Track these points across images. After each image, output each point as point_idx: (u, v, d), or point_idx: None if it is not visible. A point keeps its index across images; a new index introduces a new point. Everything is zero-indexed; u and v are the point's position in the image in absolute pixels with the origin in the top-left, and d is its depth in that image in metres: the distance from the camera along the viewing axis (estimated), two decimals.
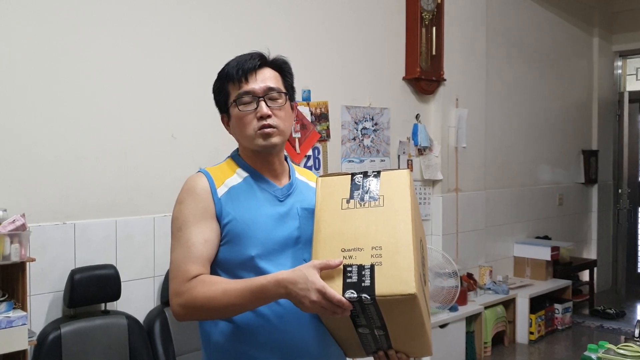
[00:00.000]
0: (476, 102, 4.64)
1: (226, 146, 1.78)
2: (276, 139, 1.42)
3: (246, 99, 1.41)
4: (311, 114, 3.58)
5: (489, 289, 4.58)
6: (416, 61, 4.15)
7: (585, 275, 5.85)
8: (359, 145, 3.90)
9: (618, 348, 1.99)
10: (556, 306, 4.96)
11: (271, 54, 1.48)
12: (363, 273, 1.21)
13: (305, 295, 1.18)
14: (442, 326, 3.89)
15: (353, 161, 3.86)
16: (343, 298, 1.18)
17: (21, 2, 2.50)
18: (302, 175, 1.57)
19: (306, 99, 3.56)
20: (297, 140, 3.49)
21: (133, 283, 2.80)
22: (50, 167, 2.58)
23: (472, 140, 4.58)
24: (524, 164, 5.40)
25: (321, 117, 3.64)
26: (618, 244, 6.45)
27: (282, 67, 1.49)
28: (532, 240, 5.35)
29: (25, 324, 2.21)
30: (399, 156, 4.16)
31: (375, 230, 1.26)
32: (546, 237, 5.50)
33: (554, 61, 5.71)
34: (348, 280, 1.21)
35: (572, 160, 6.07)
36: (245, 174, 1.45)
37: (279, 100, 1.44)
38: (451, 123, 4.43)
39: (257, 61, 1.43)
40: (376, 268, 1.21)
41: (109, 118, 2.75)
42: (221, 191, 1.40)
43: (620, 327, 5.01)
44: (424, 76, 4.18)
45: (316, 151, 3.62)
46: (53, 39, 2.59)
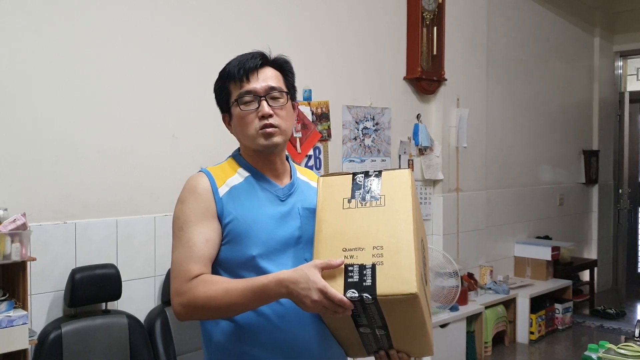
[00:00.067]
0: (477, 102, 4.64)
1: (227, 146, 1.78)
2: (278, 139, 1.42)
3: (248, 99, 1.41)
4: (312, 114, 3.58)
5: (490, 289, 4.58)
6: (417, 61, 4.15)
7: (585, 275, 5.85)
8: (360, 145, 3.90)
9: (618, 348, 1.99)
10: (556, 306, 4.96)
11: (272, 54, 1.48)
12: (364, 273, 1.21)
13: (306, 294, 1.18)
14: (443, 326, 3.89)
15: (354, 161, 3.86)
16: (344, 297, 1.18)
17: (22, 3, 2.50)
18: (304, 175, 1.56)
19: (307, 99, 3.56)
20: (298, 139, 3.49)
21: (134, 282, 2.81)
22: (51, 167, 2.58)
23: (473, 140, 4.58)
24: (525, 164, 5.39)
25: (322, 117, 3.64)
26: (618, 244, 6.46)
27: (284, 67, 1.49)
28: (533, 240, 5.35)
29: (25, 324, 2.21)
30: (400, 156, 4.16)
31: (376, 229, 1.26)
32: (547, 237, 5.50)
33: (555, 61, 5.71)
34: (349, 279, 1.20)
35: (573, 160, 6.07)
36: (246, 174, 1.45)
37: (281, 99, 1.43)
38: (452, 123, 4.43)
39: (259, 60, 1.43)
40: (377, 268, 1.21)
41: (110, 118, 2.75)
42: (222, 191, 1.40)
43: (620, 327, 5.01)
44: (425, 76, 4.18)
45: (317, 151, 3.62)
46: (54, 40, 2.59)
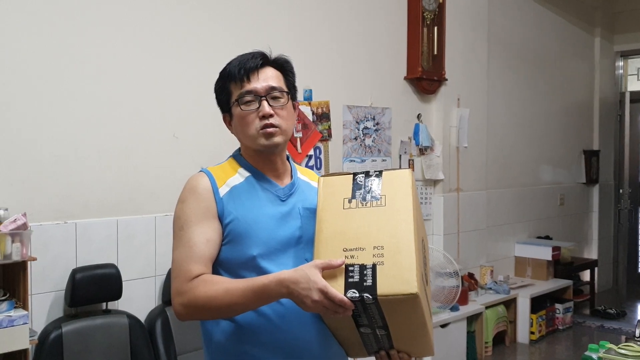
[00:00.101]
0: (478, 102, 4.64)
1: (227, 146, 1.78)
2: (278, 139, 1.42)
3: (248, 99, 1.41)
4: (313, 114, 3.58)
5: (490, 289, 4.58)
6: (418, 61, 4.15)
7: (586, 275, 5.85)
8: (361, 145, 3.90)
9: (619, 348, 1.99)
10: (557, 306, 4.96)
11: (273, 53, 1.48)
12: (365, 273, 1.20)
13: (307, 294, 1.18)
14: (443, 326, 3.89)
15: (354, 161, 3.86)
16: (345, 297, 1.17)
17: (22, 3, 2.50)
18: (304, 175, 1.56)
19: (308, 99, 3.56)
20: (299, 139, 3.49)
21: (134, 282, 2.81)
22: (51, 167, 2.59)
23: (474, 140, 4.58)
24: (525, 164, 5.39)
25: (322, 117, 3.64)
26: (619, 244, 6.46)
27: (284, 66, 1.48)
28: (533, 240, 5.34)
29: (26, 323, 2.21)
30: (401, 156, 4.16)
31: (377, 229, 1.26)
32: (547, 237, 5.50)
33: (556, 61, 5.70)
34: (350, 279, 1.20)
35: (574, 160, 6.06)
36: (247, 174, 1.45)
37: (281, 99, 1.43)
38: (452, 123, 4.43)
39: (259, 60, 1.43)
40: (378, 268, 1.21)
41: (111, 117, 2.75)
42: (223, 191, 1.40)
43: (621, 327, 5.01)
44: (426, 76, 4.18)
45: (317, 151, 3.62)
46: (54, 40, 2.59)
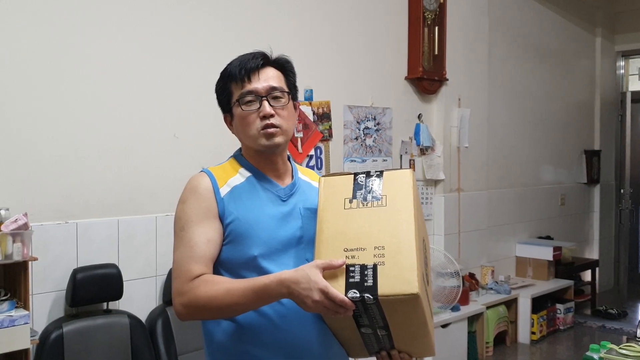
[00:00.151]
0: (478, 102, 4.63)
1: (228, 146, 1.78)
2: (279, 139, 1.42)
3: (249, 99, 1.41)
4: (313, 114, 3.58)
5: (491, 289, 4.58)
6: (418, 61, 4.14)
7: (587, 275, 5.85)
8: (361, 145, 3.90)
9: (620, 348, 1.98)
10: (558, 306, 4.96)
11: (273, 54, 1.48)
12: (366, 273, 1.20)
13: (307, 295, 1.18)
14: (444, 326, 3.89)
15: (355, 161, 3.85)
16: (345, 298, 1.17)
17: (22, 3, 2.50)
18: (305, 175, 1.56)
19: (308, 99, 3.56)
20: (300, 139, 3.49)
21: (135, 282, 2.81)
22: (52, 167, 2.59)
23: (475, 140, 4.58)
24: (526, 164, 5.39)
25: (323, 117, 3.64)
26: (620, 244, 6.45)
27: (285, 67, 1.48)
28: (534, 240, 5.34)
29: (27, 323, 2.22)
30: (401, 156, 4.16)
31: (377, 230, 1.26)
32: (548, 237, 5.49)
33: (557, 61, 5.70)
34: (351, 280, 1.20)
35: (575, 160, 6.06)
36: (248, 174, 1.45)
37: (282, 99, 1.43)
38: (453, 123, 4.42)
39: (260, 60, 1.43)
40: (379, 268, 1.21)
41: (111, 118, 2.76)
42: (224, 191, 1.40)
43: (622, 328, 5.00)
44: (427, 76, 4.18)
45: (318, 151, 3.62)
46: (55, 40, 2.59)
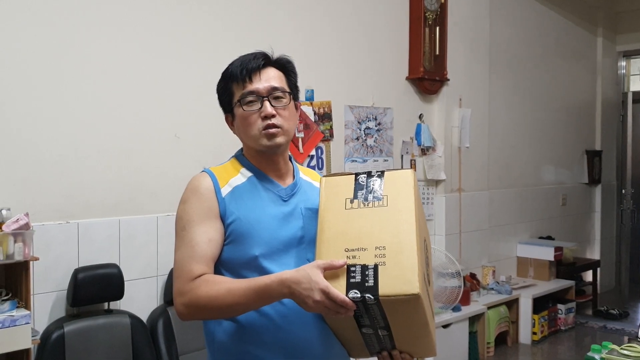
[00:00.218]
0: (479, 102, 4.63)
1: (229, 146, 1.78)
2: (281, 139, 1.42)
3: (250, 99, 1.41)
4: (314, 114, 3.58)
5: (492, 289, 4.58)
6: (419, 61, 4.14)
7: (588, 275, 5.84)
8: (362, 145, 3.89)
9: (621, 349, 1.98)
10: (559, 306, 4.95)
11: (275, 54, 1.48)
12: (367, 273, 1.20)
13: (308, 295, 1.18)
14: (445, 326, 3.88)
15: (356, 161, 3.85)
16: (346, 298, 1.17)
17: (22, 3, 2.51)
18: (306, 175, 1.56)
19: (309, 99, 3.56)
20: (301, 139, 3.49)
21: (136, 282, 2.81)
22: (53, 167, 2.59)
23: (476, 140, 4.58)
24: (527, 164, 5.38)
25: (324, 117, 3.64)
26: (621, 245, 6.45)
27: (286, 67, 1.48)
28: (535, 240, 5.33)
29: (28, 323, 2.22)
30: (402, 156, 4.16)
31: (379, 230, 1.26)
32: (549, 238, 5.48)
33: (558, 61, 5.69)
34: (352, 280, 1.20)
35: (576, 160, 6.05)
36: (249, 174, 1.45)
37: (283, 99, 1.43)
38: (454, 123, 4.42)
39: (261, 61, 1.43)
40: (380, 268, 1.20)
41: (112, 118, 2.76)
42: (225, 191, 1.40)
43: (623, 328, 5.00)
44: (428, 76, 4.18)
45: (319, 151, 3.62)
46: (56, 40, 2.59)
